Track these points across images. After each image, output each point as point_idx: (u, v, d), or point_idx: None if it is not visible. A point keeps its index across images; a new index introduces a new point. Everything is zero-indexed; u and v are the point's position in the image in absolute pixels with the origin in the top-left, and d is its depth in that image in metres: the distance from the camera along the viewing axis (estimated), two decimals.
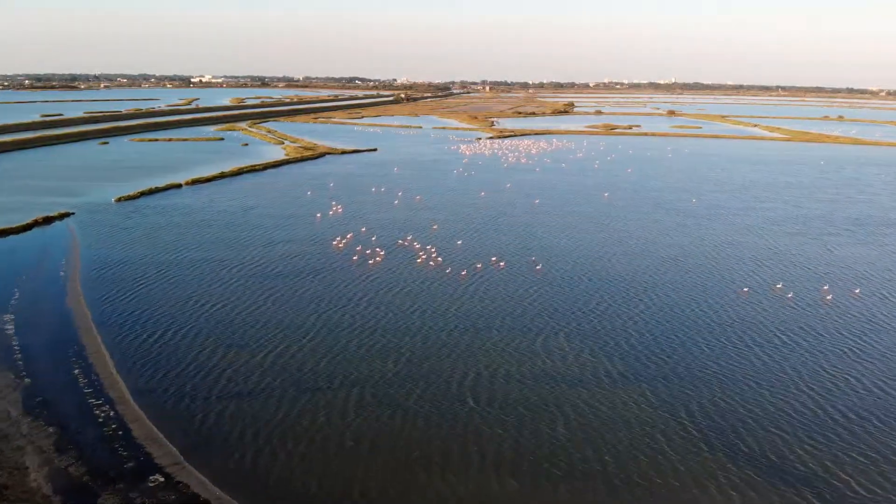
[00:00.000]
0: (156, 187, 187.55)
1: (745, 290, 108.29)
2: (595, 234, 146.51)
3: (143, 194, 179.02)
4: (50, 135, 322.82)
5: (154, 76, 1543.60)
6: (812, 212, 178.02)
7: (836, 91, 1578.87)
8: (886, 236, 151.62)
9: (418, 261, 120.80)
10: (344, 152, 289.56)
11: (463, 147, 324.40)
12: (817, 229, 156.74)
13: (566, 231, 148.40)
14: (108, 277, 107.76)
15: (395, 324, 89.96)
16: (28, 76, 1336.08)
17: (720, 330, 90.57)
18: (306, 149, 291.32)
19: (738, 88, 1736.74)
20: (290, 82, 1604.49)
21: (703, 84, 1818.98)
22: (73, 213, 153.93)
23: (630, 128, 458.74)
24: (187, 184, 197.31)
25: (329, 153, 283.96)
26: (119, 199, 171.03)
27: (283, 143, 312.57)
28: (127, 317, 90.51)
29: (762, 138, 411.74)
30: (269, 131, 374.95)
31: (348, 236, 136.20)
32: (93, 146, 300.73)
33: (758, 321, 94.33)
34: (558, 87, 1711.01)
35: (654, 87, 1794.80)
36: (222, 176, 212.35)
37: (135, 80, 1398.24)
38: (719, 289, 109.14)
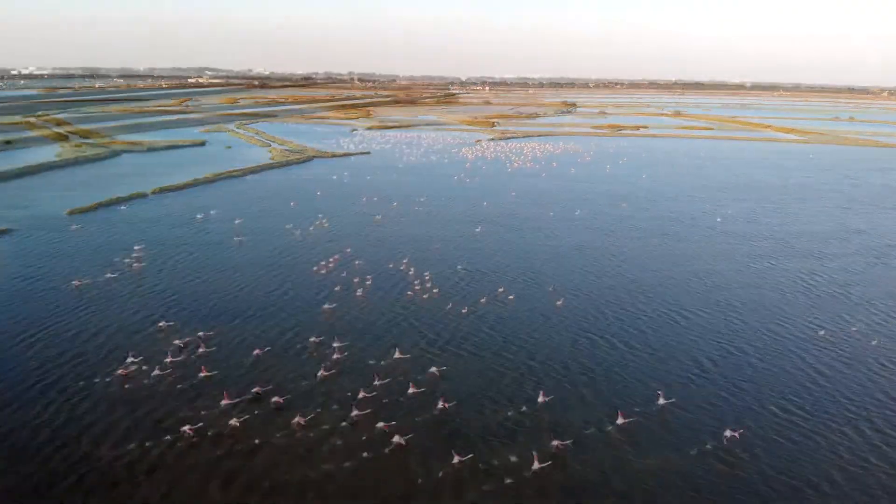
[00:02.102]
0: (118, 197, 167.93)
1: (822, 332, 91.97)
2: (621, 262, 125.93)
3: (101, 205, 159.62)
4: None
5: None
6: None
7: (838, 91, 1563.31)
8: None
9: (409, 293, 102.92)
10: (334, 155, 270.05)
11: (465, 150, 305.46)
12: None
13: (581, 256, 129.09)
14: None
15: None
16: None
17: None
18: (293, 152, 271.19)
19: (739, 88, 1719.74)
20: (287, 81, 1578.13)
21: (703, 84, 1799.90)
22: (10, 231, 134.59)
23: (637, 129, 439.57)
24: (154, 192, 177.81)
25: (318, 157, 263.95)
26: (72, 212, 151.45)
27: (270, 146, 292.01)
28: None
29: (779, 140, 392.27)
30: (256, 132, 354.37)
31: (333, 259, 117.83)
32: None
33: None
34: (558, 86, 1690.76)
35: (656, 86, 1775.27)
36: (195, 183, 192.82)
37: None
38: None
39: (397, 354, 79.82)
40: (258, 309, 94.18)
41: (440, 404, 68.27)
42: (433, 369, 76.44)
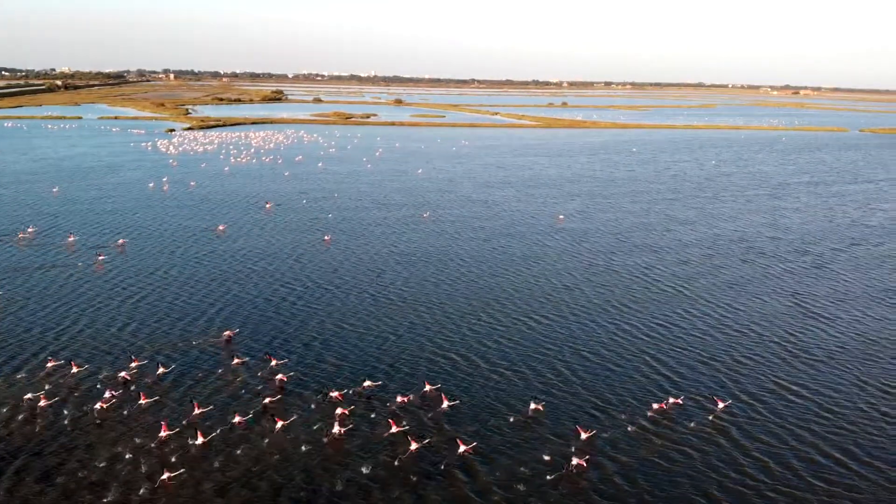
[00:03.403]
0: None
1: None
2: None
3: None
4: None
5: None
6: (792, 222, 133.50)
7: (525, 83, 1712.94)
8: None
9: None
10: None
11: (161, 143, 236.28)
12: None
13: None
14: None
15: None
16: None
17: None
18: None
19: (436, 81, 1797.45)
20: None
21: (402, 77, 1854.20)
22: None
23: (368, 116, 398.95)
24: None
25: None
26: None
27: None
28: None
29: (521, 126, 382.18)
30: None
31: None
32: None
33: None
34: (255, 77, 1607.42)
35: (357, 79, 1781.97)
36: None
37: None
38: None
39: None
40: None
41: None
42: None
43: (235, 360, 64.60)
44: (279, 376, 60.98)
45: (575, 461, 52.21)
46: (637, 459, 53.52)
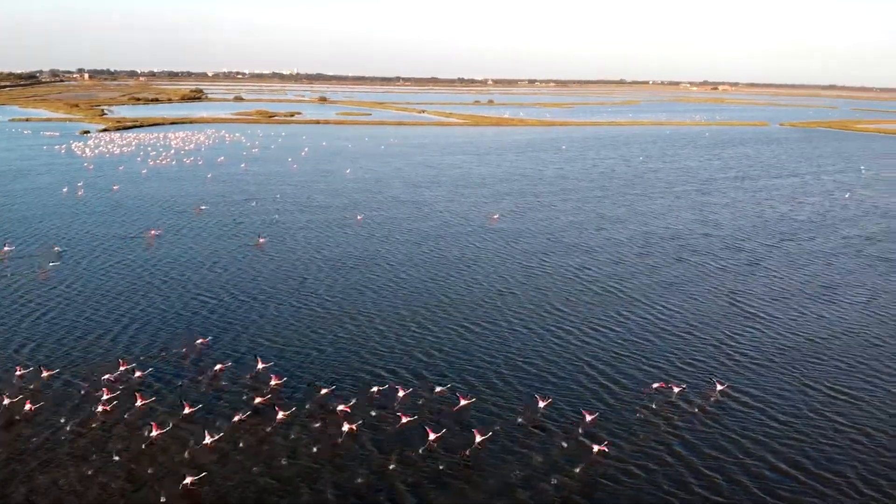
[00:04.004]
0: None
1: None
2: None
3: None
4: None
5: None
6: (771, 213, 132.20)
7: (450, 81, 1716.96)
8: None
9: None
10: None
11: (75, 146, 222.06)
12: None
13: None
14: None
15: None
16: None
17: None
18: None
19: (360, 79, 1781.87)
20: None
21: (326, 75, 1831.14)
22: None
23: (292, 115, 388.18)
24: None
25: None
26: None
27: None
28: None
29: (449, 124, 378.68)
30: None
31: None
32: None
33: None
34: (173, 76, 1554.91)
35: (280, 77, 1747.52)
36: None
37: None
38: None
39: None
40: None
41: None
42: None
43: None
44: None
45: None
46: (575, 479, 48.74)
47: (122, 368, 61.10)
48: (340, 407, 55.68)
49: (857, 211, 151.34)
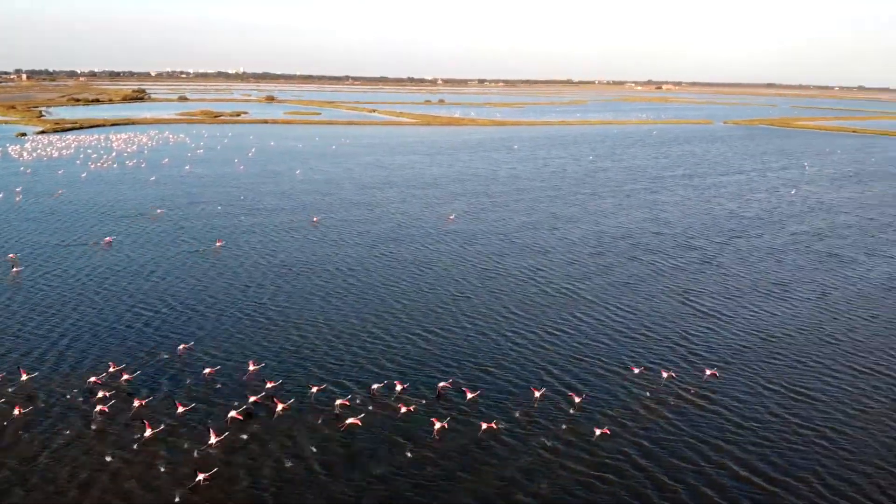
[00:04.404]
0: None
1: None
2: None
3: None
4: None
5: None
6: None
7: (400, 81, 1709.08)
8: None
9: None
10: None
11: (12, 149, 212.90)
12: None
13: None
14: None
15: None
16: None
17: None
18: None
19: (308, 78, 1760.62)
20: None
21: (273, 74, 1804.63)
22: None
23: (238, 115, 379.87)
24: None
25: None
26: None
27: None
28: None
29: (400, 124, 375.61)
30: None
31: None
32: None
33: None
34: (114, 76, 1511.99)
35: (226, 76, 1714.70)
36: None
37: None
38: None
39: None
40: None
41: None
42: None
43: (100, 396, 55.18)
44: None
45: None
46: (546, 488, 47.70)
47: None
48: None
49: (802, 207, 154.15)
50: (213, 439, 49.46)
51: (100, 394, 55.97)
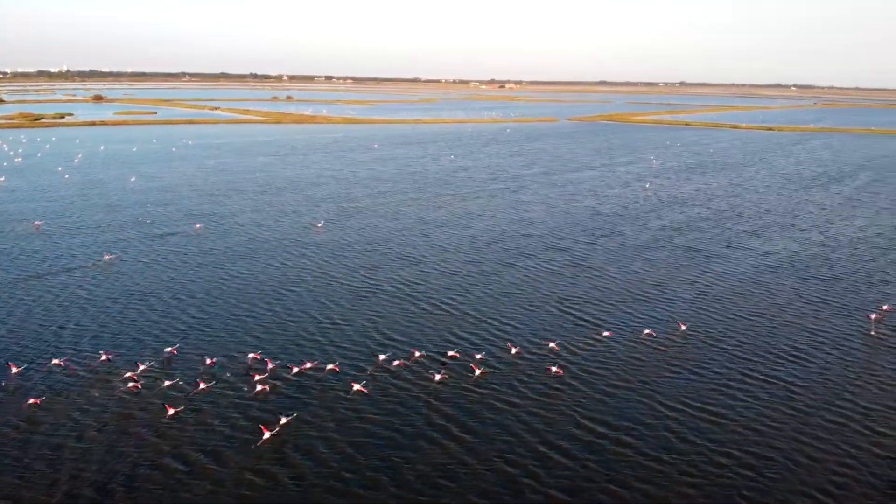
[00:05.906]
0: None
1: None
2: None
3: None
4: None
5: None
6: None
7: (242, 77, 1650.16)
8: None
9: None
10: None
11: None
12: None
13: None
14: None
15: None
16: None
17: None
18: None
19: (140, 75, 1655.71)
20: None
21: (100, 72, 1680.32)
22: None
23: (62, 117, 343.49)
24: None
25: None
26: None
27: None
28: None
29: (248, 122, 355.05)
30: None
31: None
32: None
33: None
34: None
35: (47, 75, 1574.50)
36: None
37: None
38: None
39: None
40: None
41: None
42: None
43: None
44: None
45: None
46: None
47: None
48: None
49: (657, 202, 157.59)
50: None
51: None
